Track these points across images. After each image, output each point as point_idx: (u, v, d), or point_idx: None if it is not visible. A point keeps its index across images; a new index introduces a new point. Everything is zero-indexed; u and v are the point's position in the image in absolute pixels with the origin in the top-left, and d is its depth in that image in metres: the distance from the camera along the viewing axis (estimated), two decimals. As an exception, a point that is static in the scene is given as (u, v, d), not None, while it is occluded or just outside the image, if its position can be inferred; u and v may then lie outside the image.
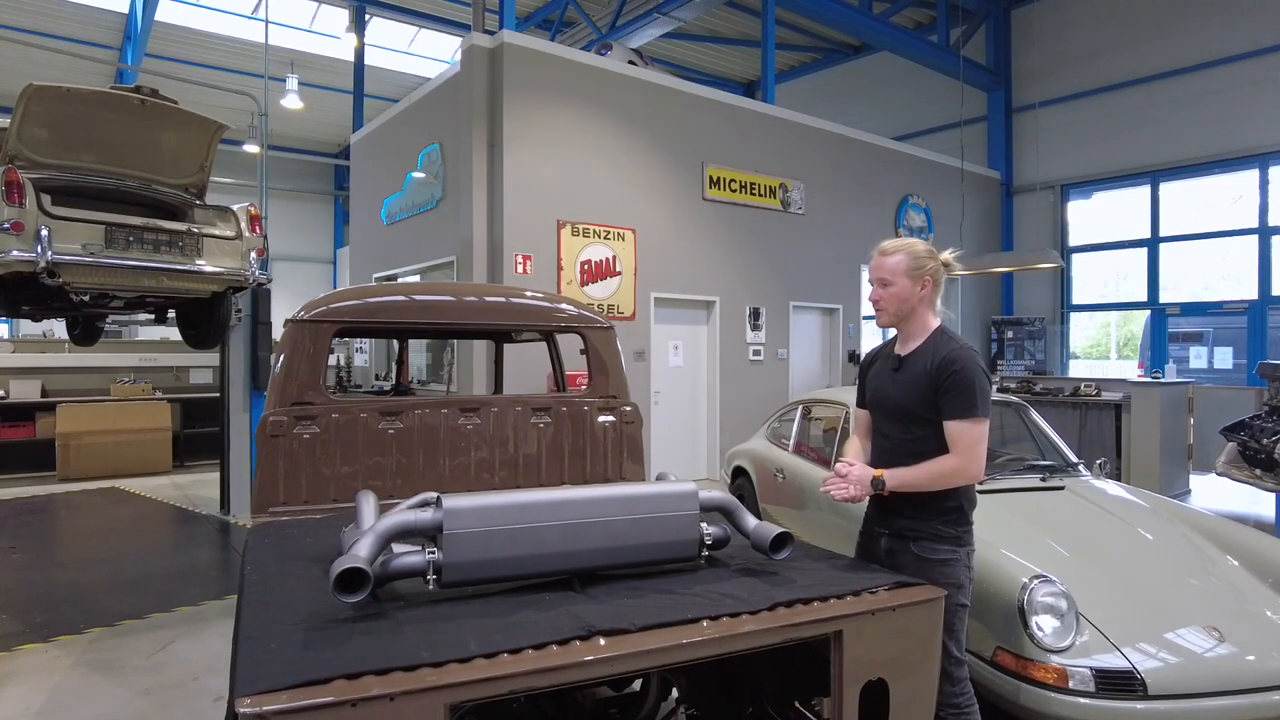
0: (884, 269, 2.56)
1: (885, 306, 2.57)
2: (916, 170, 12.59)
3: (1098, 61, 12.63)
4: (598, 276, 8.62)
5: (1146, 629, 3.07)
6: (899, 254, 2.56)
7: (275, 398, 3.19)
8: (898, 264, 2.54)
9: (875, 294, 2.60)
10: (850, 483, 2.47)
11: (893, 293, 2.55)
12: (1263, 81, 10.89)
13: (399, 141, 9.79)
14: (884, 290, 2.56)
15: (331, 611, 1.92)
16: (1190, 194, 11.97)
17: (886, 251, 2.58)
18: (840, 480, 2.49)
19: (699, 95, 9.69)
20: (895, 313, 2.57)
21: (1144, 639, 3.02)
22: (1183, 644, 3.03)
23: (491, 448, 3.62)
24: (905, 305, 2.55)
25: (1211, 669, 2.96)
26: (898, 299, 2.55)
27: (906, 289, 2.54)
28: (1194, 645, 3.03)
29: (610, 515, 2.17)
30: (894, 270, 2.55)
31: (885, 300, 2.56)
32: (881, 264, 2.57)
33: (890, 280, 2.54)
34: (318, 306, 3.30)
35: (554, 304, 3.85)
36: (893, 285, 2.54)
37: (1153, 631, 3.06)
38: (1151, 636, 3.04)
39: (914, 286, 2.53)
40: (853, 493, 2.46)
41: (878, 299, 2.59)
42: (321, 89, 16.63)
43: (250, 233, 5.15)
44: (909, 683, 2.15)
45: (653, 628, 1.86)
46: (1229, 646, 3.03)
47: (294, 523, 3.01)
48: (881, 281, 2.56)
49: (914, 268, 2.53)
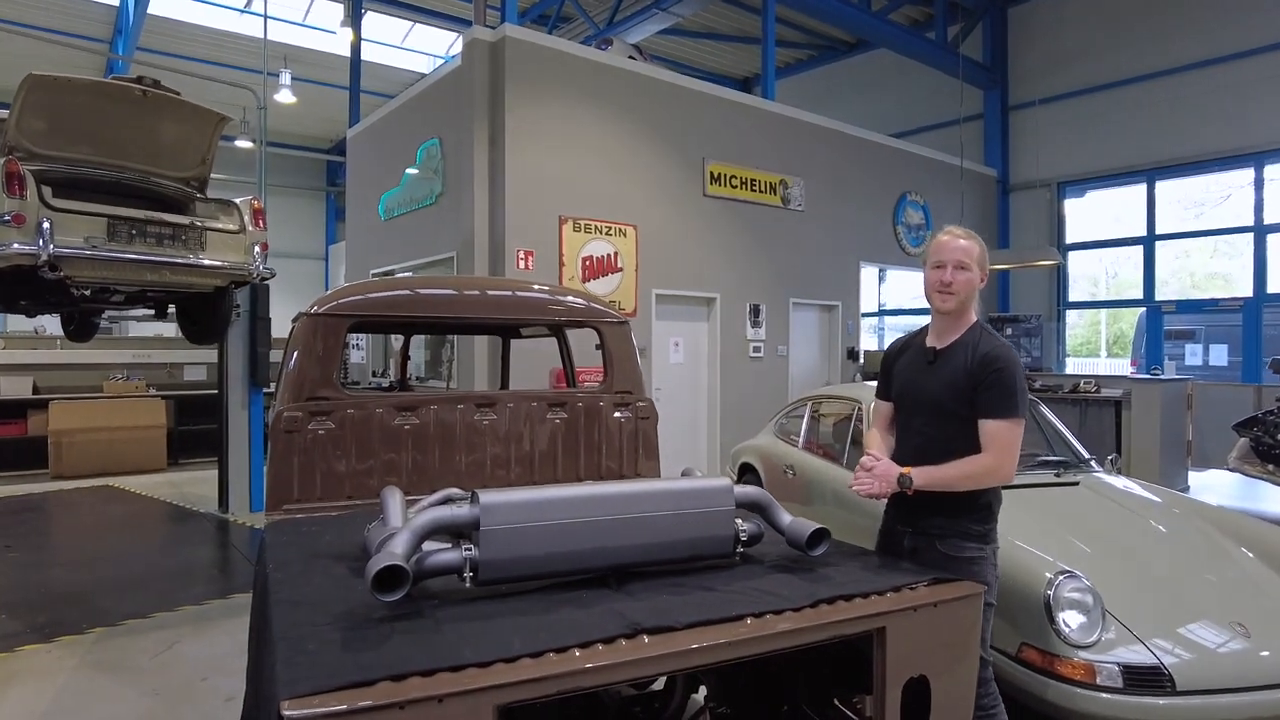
0: (965, 252, 2.47)
1: (957, 291, 2.46)
2: (914, 167, 12.59)
3: (1094, 59, 12.66)
4: (599, 273, 8.56)
5: (1171, 624, 3.06)
6: (973, 241, 2.50)
7: (289, 393, 3.14)
8: (974, 250, 2.49)
9: (949, 276, 2.46)
10: (875, 478, 2.42)
11: (967, 279, 2.47)
12: (1258, 81, 10.94)
13: (397, 136, 9.70)
14: (961, 275, 2.46)
15: (365, 611, 1.87)
16: (1185, 192, 12.02)
17: (960, 236, 2.50)
18: (865, 475, 2.45)
19: (700, 91, 9.65)
20: (963, 300, 2.49)
21: (1169, 634, 3.00)
22: (1208, 639, 3.02)
23: (506, 444, 3.57)
24: (970, 295, 2.50)
25: (1237, 665, 2.94)
26: (969, 286, 2.48)
27: (975, 278, 2.49)
28: (1219, 641, 3.02)
29: (647, 511, 2.13)
30: (973, 255, 2.48)
31: (959, 285, 2.46)
32: (962, 247, 2.48)
33: (968, 265, 2.47)
34: (331, 300, 3.24)
35: (572, 299, 3.81)
36: (969, 271, 2.47)
37: (1178, 627, 3.05)
38: (1177, 632, 3.02)
39: (979, 277, 2.49)
40: (878, 489, 2.42)
41: (951, 282, 2.46)
42: (314, 84, 16.48)
43: (253, 226, 5.07)
44: (949, 680, 2.12)
45: (697, 625, 1.82)
46: (1254, 642, 3.02)
47: (311, 520, 2.96)
48: (960, 265, 2.46)
49: (982, 259, 2.49)
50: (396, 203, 9.58)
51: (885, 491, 2.41)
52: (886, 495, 2.43)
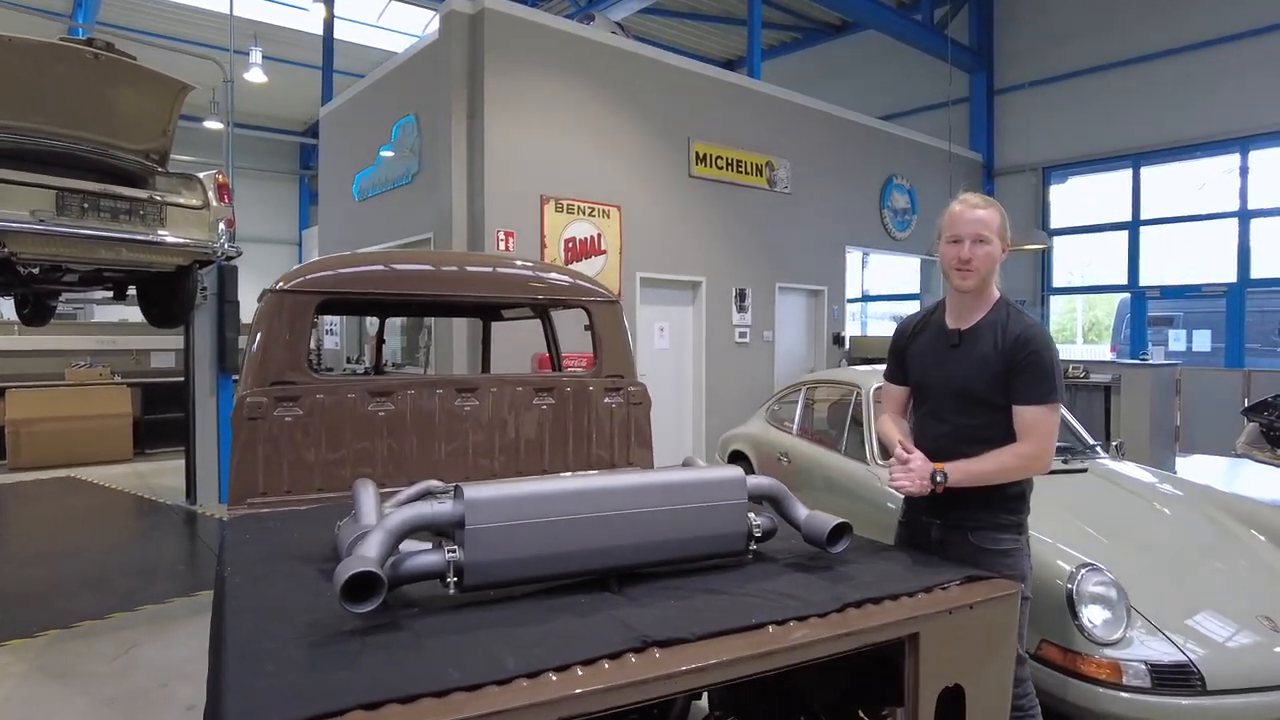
0: (983, 224, 2.23)
1: (977, 267, 2.23)
2: (900, 151, 12.42)
3: (1079, 44, 12.54)
4: (582, 255, 8.30)
5: (1197, 620, 2.89)
6: (991, 209, 2.26)
7: (252, 377, 2.87)
8: (994, 220, 2.24)
9: (967, 252, 2.23)
10: (914, 475, 2.21)
11: (988, 252, 2.23)
12: (1243, 65, 10.87)
13: (371, 114, 9.35)
14: (980, 249, 2.22)
15: (335, 622, 1.63)
16: (1169, 178, 11.96)
17: (978, 204, 2.26)
18: (903, 471, 2.24)
19: (686, 69, 9.38)
20: (983, 276, 2.25)
21: (1196, 630, 2.84)
22: (1236, 636, 2.86)
23: (489, 431, 3.33)
24: (991, 270, 2.26)
25: (1268, 662, 2.79)
26: (990, 261, 2.24)
27: (998, 251, 2.25)
28: (1248, 637, 2.86)
29: (652, 506, 1.91)
30: (993, 226, 2.24)
31: (979, 261, 2.22)
32: (981, 218, 2.24)
33: (988, 238, 2.23)
34: (299, 275, 2.98)
35: (558, 276, 3.56)
36: (990, 244, 2.23)
37: (1204, 622, 2.89)
38: (1203, 628, 2.86)
39: (1000, 249, 2.27)
40: (915, 486, 2.21)
41: (970, 258, 2.22)
42: (285, 63, 15.98)
43: (218, 202, 4.76)
44: (985, 687, 1.93)
45: (713, 636, 1.61)
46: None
47: (276, 515, 2.71)
48: (979, 238, 2.22)
49: (1003, 229, 2.26)
50: (371, 183, 9.24)
51: (922, 489, 2.20)
52: (923, 492, 2.21)
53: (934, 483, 2.20)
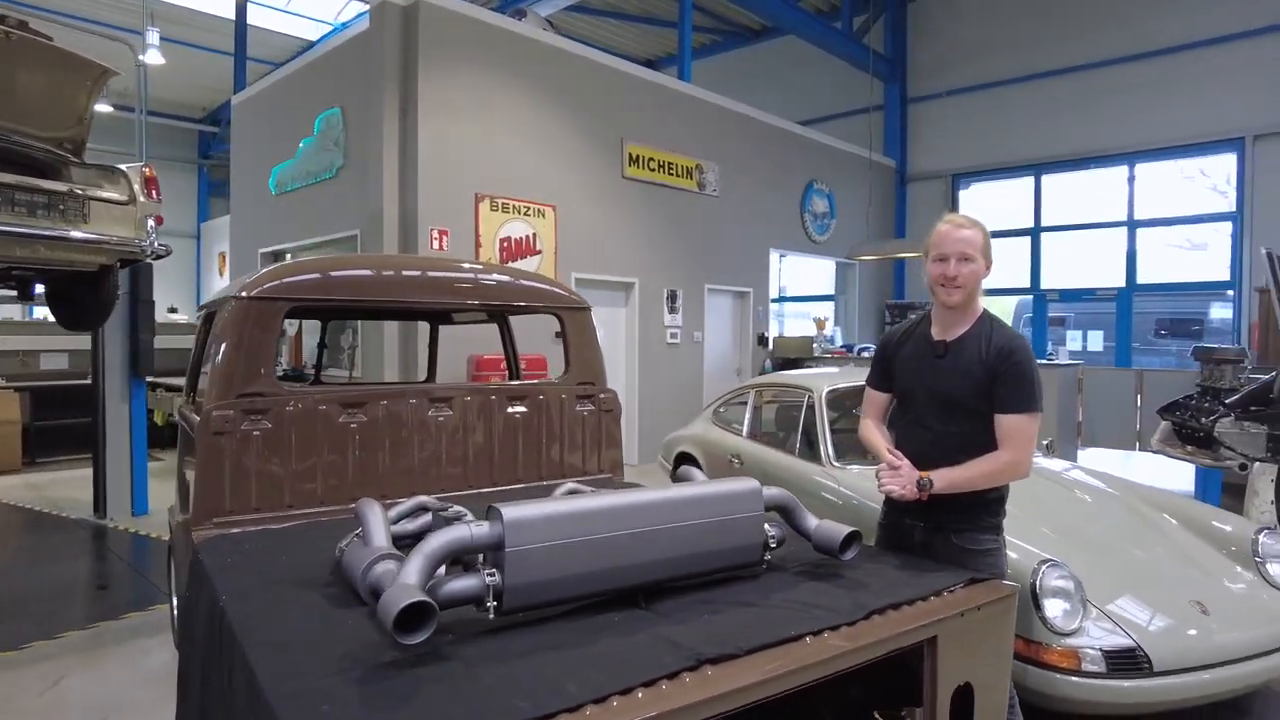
0: (969, 243, 2.33)
1: (964, 284, 2.33)
2: (820, 156, 12.79)
3: (987, 58, 13.22)
4: (518, 255, 8.19)
5: (1140, 606, 3.11)
6: (975, 229, 2.36)
7: (218, 389, 2.72)
8: (978, 239, 2.34)
9: (953, 270, 2.32)
10: (903, 479, 2.30)
11: (973, 270, 2.33)
12: (1132, 85, 11.71)
13: (291, 105, 8.94)
14: (966, 266, 2.32)
15: (370, 654, 1.57)
16: (1067, 187, 12.77)
17: (965, 225, 2.36)
18: (891, 475, 2.32)
19: (619, 70, 9.39)
20: (968, 293, 2.35)
21: (1141, 617, 3.06)
22: (1175, 620, 3.09)
23: (464, 441, 3.26)
24: (977, 286, 2.37)
25: (1203, 643, 3.02)
26: (975, 278, 2.34)
27: (982, 269, 2.36)
28: (1184, 621, 3.09)
29: (679, 520, 1.92)
30: (977, 245, 2.34)
31: (965, 278, 2.32)
32: (965, 238, 2.33)
33: (973, 256, 2.33)
34: (266, 282, 2.83)
35: (535, 283, 3.51)
36: (975, 262, 2.33)
37: (1148, 609, 3.11)
38: (1147, 614, 3.08)
39: (985, 266, 2.38)
40: (905, 491, 2.29)
41: (956, 275, 2.32)
42: (184, 45, 15.06)
43: (145, 197, 4.44)
44: (991, 683, 2.03)
45: (760, 649, 1.63)
46: (1213, 620, 3.12)
47: (250, 536, 2.57)
48: (964, 256, 2.32)
49: (987, 247, 2.36)
50: (290, 176, 8.84)
51: (912, 495, 2.28)
52: (910, 498, 2.29)
53: (920, 489, 2.29)
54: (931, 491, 2.29)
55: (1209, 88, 11.10)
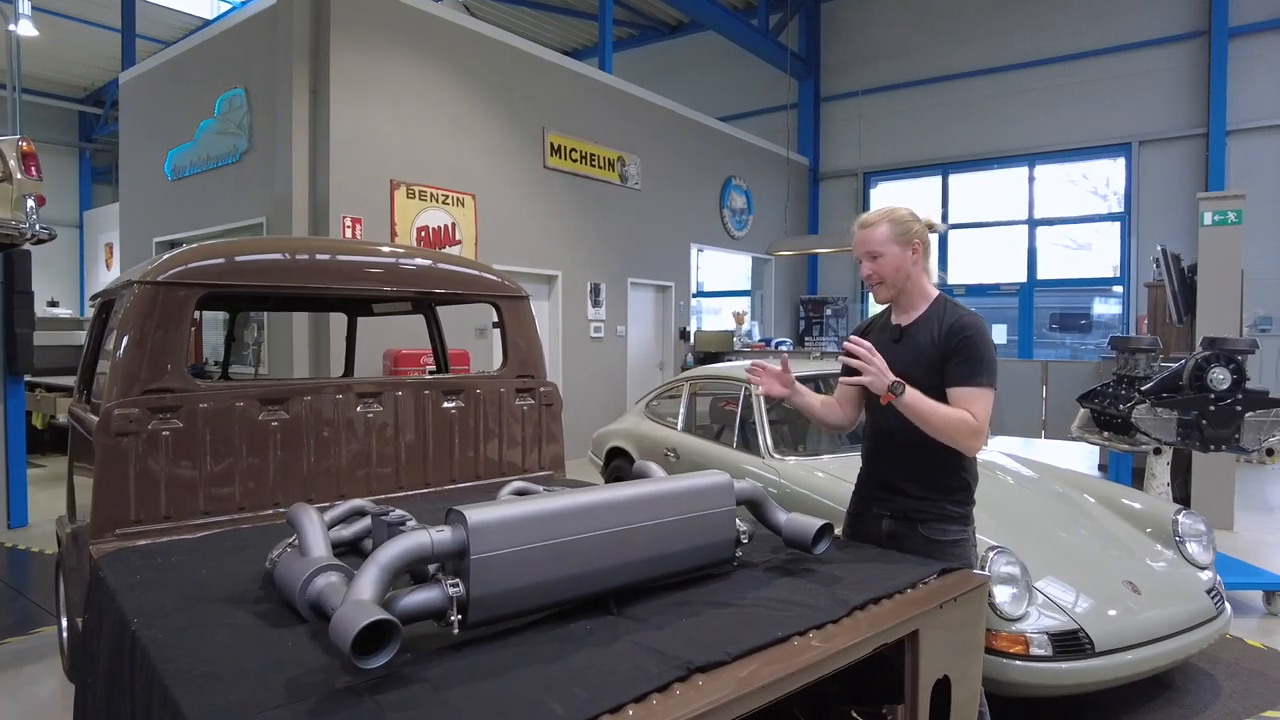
0: (870, 242, 2.37)
1: (881, 279, 2.38)
2: (738, 152, 12.89)
3: (897, 60, 13.62)
4: (437, 244, 7.88)
5: (1080, 589, 3.18)
6: (881, 223, 2.38)
7: (119, 386, 2.43)
8: (883, 233, 2.36)
9: (866, 269, 2.39)
10: (878, 370, 2.19)
11: (885, 264, 2.36)
12: (1033, 90, 12.29)
13: (188, 84, 8.33)
14: (875, 264, 2.37)
15: (319, 681, 1.38)
16: (972, 185, 13.30)
17: (867, 224, 2.40)
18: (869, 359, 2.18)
19: (541, 57, 9.16)
20: (892, 284, 2.39)
21: (1081, 599, 3.13)
22: (1112, 601, 3.17)
23: (395, 439, 3.04)
24: (900, 275, 2.37)
25: (1137, 621, 3.12)
26: (892, 268, 2.36)
27: (897, 257, 2.35)
28: (1120, 601, 3.18)
29: (653, 519, 1.79)
30: (880, 241, 2.36)
31: (878, 273, 2.37)
32: (866, 237, 2.38)
33: (879, 251, 2.36)
34: (176, 265, 2.54)
35: (470, 270, 3.31)
36: (883, 256, 2.36)
37: (1086, 591, 3.18)
38: (1086, 596, 3.15)
39: (904, 253, 2.36)
40: (875, 381, 2.18)
41: (870, 274, 2.39)
42: (62, 17, 13.90)
43: (23, 174, 3.99)
44: (967, 674, 1.99)
45: (748, 654, 1.53)
46: (1145, 599, 3.23)
47: (161, 548, 2.30)
48: (870, 255, 2.37)
49: (900, 234, 2.35)
50: (189, 160, 8.23)
51: (879, 387, 2.18)
52: (881, 390, 2.19)
53: (892, 391, 2.19)
54: (900, 399, 2.19)
55: (1101, 95, 11.75)
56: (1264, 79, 10.71)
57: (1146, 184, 11.58)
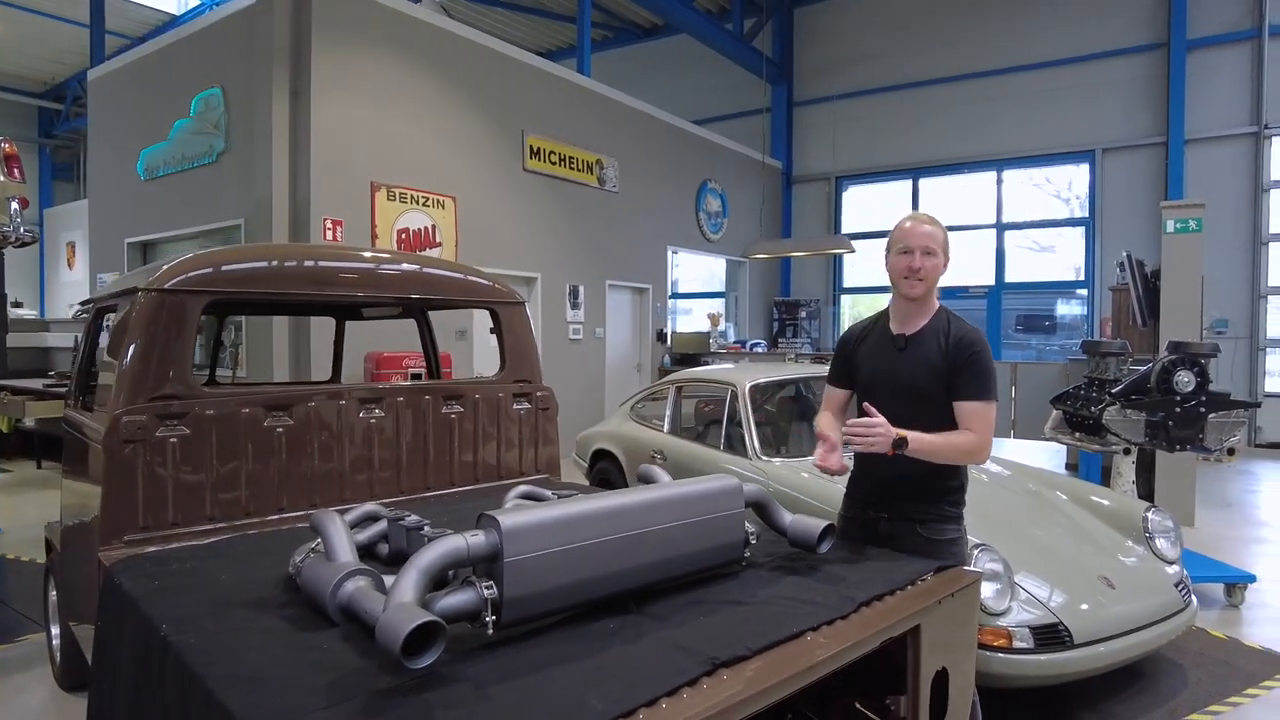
0: (932, 239, 2.44)
1: (926, 277, 2.43)
2: (714, 156, 13.00)
3: (869, 66, 13.84)
4: (417, 247, 7.87)
5: (1058, 584, 3.32)
6: (938, 227, 2.46)
7: (127, 393, 2.44)
8: (940, 235, 2.46)
9: (918, 262, 2.41)
10: (880, 436, 2.26)
11: (935, 264, 2.44)
12: (1001, 97, 12.58)
13: (163, 83, 8.21)
14: (929, 260, 2.42)
15: (363, 682, 1.43)
16: (942, 190, 13.57)
17: (926, 221, 2.47)
18: (865, 431, 2.26)
19: (521, 60, 9.19)
20: (930, 286, 2.46)
21: (1059, 595, 3.26)
22: (1088, 595, 3.31)
23: (396, 445, 3.08)
24: (936, 278, 2.47)
25: (1112, 614, 3.26)
26: (936, 271, 2.45)
27: (941, 264, 2.46)
28: (1096, 595, 3.32)
29: (670, 521, 1.87)
30: (940, 242, 2.45)
31: (927, 270, 2.42)
32: (931, 233, 2.44)
33: (936, 251, 2.44)
34: (184, 271, 2.56)
35: (472, 277, 3.35)
36: (937, 257, 2.44)
37: (1064, 586, 3.32)
38: (1064, 591, 3.29)
39: (943, 262, 2.47)
40: (878, 446, 2.26)
41: (920, 268, 2.41)
42: (20, 9, 13.55)
43: (6, 176, 3.95)
44: (962, 666, 2.10)
45: (767, 649, 1.61)
46: (1118, 593, 3.37)
47: (174, 554, 2.32)
48: (927, 250, 2.42)
49: (946, 245, 2.47)
50: (163, 160, 8.12)
51: (883, 448, 2.26)
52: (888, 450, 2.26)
53: (896, 447, 2.26)
54: (904, 451, 2.28)
55: (1067, 103, 12.07)
56: (1220, 90, 11.10)
57: (1110, 190, 11.93)
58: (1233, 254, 10.86)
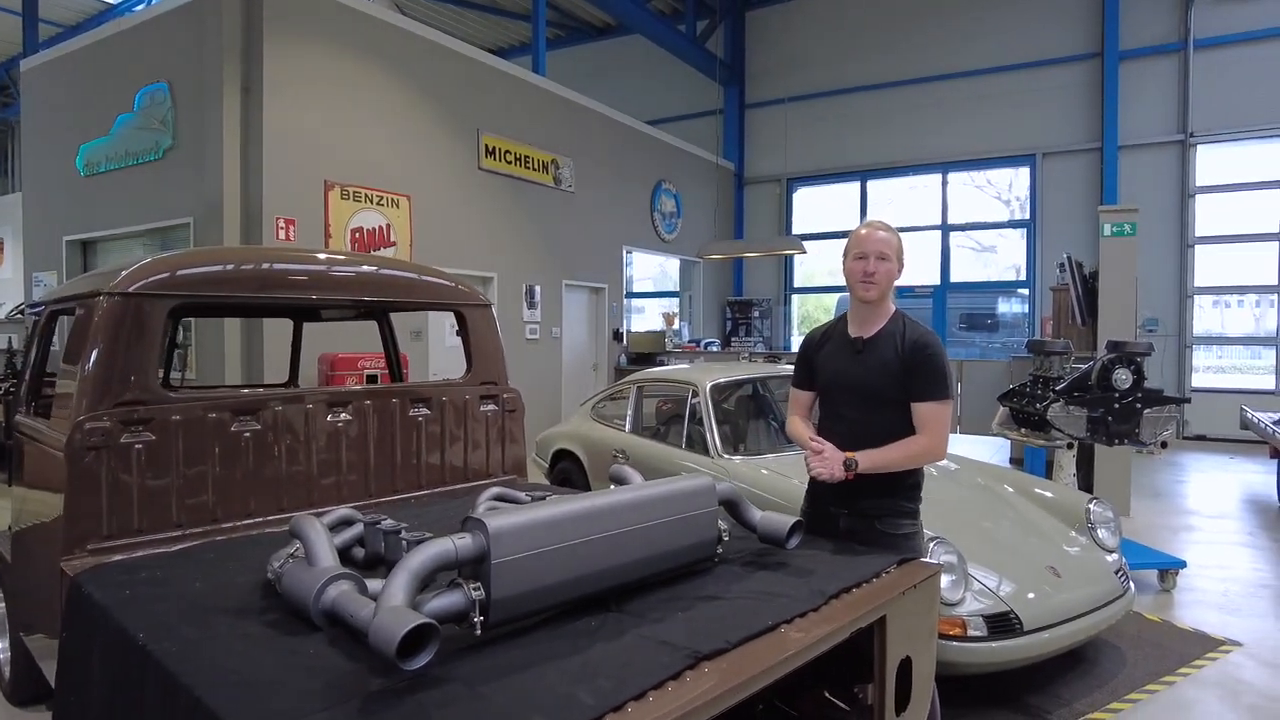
0: (886, 244, 2.53)
1: (879, 281, 2.52)
2: (668, 157, 13.08)
3: (819, 69, 14.09)
4: (371, 246, 7.78)
5: (1009, 575, 3.47)
6: (893, 233, 2.57)
7: (89, 398, 2.40)
8: (895, 241, 2.56)
9: (872, 267, 2.51)
10: (829, 462, 2.43)
11: (889, 269, 2.53)
12: (947, 101, 12.93)
13: (103, 76, 7.94)
14: (883, 265, 2.52)
15: (354, 683, 1.46)
16: (890, 192, 13.89)
17: (880, 228, 2.57)
18: (818, 459, 2.44)
19: (475, 59, 9.14)
20: (883, 290, 2.55)
21: (1009, 584, 3.41)
22: (1037, 584, 3.47)
23: (366, 447, 3.07)
24: (889, 284, 2.56)
25: (1059, 602, 3.43)
26: (890, 276, 2.55)
27: (895, 268, 2.56)
28: (1044, 584, 3.49)
29: (650, 520, 1.92)
30: (894, 247, 2.55)
31: (881, 275, 2.52)
32: (885, 239, 2.54)
33: (890, 256, 2.53)
34: (148, 275, 2.52)
35: (437, 279, 3.35)
36: (891, 262, 2.54)
37: (1013, 576, 3.47)
38: (1014, 581, 3.44)
39: (897, 268, 2.56)
40: (832, 472, 2.42)
41: (874, 272, 2.51)
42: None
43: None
44: (924, 654, 2.19)
45: (746, 641, 1.67)
46: (1064, 581, 3.54)
47: (142, 562, 2.29)
48: (882, 255, 2.52)
49: (901, 251, 2.57)
50: (105, 156, 7.86)
51: (836, 476, 2.41)
52: (838, 478, 2.42)
53: (847, 469, 2.42)
54: (857, 471, 2.42)
55: (1008, 108, 12.48)
56: (1150, 100, 11.60)
57: (1049, 193, 12.37)
58: (1162, 256, 11.36)
